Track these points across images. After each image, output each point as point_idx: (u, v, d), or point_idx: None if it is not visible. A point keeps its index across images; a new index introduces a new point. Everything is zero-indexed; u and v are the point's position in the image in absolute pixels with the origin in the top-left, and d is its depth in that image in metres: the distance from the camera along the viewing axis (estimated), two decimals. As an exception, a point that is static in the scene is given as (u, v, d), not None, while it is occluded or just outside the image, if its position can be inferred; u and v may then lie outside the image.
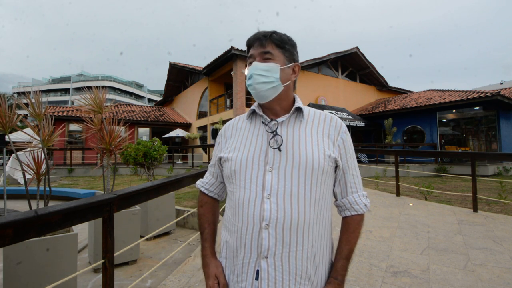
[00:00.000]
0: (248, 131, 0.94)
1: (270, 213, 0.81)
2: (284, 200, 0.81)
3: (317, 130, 0.90)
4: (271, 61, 0.89)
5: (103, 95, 3.24)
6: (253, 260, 0.82)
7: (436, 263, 2.66)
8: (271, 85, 0.88)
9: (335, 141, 0.90)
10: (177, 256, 3.47)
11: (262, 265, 0.81)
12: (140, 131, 19.17)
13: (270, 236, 0.80)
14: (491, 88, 26.25)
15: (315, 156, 0.85)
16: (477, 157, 6.14)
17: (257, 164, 0.86)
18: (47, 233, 2.16)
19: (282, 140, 0.87)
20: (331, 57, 16.87)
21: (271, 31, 0.92)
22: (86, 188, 8.68)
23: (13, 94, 33.75)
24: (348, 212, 0.94)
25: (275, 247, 0.80)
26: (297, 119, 0.92)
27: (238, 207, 0.86)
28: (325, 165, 0.86)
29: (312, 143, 0.87)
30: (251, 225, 0.82)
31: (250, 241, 0.82)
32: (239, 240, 0.85)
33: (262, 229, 0.81)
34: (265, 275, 0.81)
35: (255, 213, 0.82)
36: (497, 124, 13.29)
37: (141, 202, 2.00)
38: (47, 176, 2.67)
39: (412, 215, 4.33)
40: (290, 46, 0.93)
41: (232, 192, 0.90)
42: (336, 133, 0.91)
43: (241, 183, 0.86)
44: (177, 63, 19.95)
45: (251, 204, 0.83)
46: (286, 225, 0.80)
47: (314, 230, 0.84)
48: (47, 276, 2.25)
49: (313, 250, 0.84)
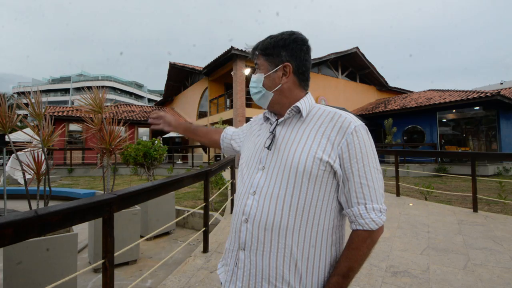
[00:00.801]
0: (259, 130, 1.02)
1: (250, 209, 0.84)
2: (265, 199, 0.83)
3: (316, 130, 0.84)
4: (258, 71, 0.95)
5: (103, 95, 3.24)
6: (235, 249, 0.88)
7: (436, 263, 2.66)
8: (259, 94, 0.94)
9: (335, 143, 0.81)
10: (177, 256, 3.47)
11: (240, 256, 0.86)
12: (140, 131, 19.17)
13: (247, 230, 0.84)
14: (491, 88, 26.25)
15: (302, 159, 0.80)
16: (477, 157, 6.13)
17: (253, 162, 0.92)
18: (47, 233, 2.16)
19: (273, 140, 0.89)
20: (331, 57, 16.87)
21: (260, 42, 0.95)
22: (86, 188, 8.68)
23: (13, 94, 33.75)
24: (354, 226, 0.82)
25: (250, 242, 0.83)
26: (296, 119, 0.91)
27: (235, 198, 0.95)
28: (313, 168, 0.79)
29: (303, 145, 0.83)
30: (236, 217, 0.89)
31: (234, 231, 0.89)
32: (231, 228, 0.93)
33: (242, 222, 0.86)
34: (241, 265, 0.85)
35: (240, 206, 0.88)
36: (497, 124, 13.29)
37: (141, 202, 2.00)
38: (47, 176, 2.67)
39: (412, 215, 4.33)
40: (275, 48, 0.90)
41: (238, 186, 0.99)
42: (340, 134, 0.81)
43: (240, 177, 0.95)
44: (177, 63, 19.95)
45: (240, 197, 0.90)
46: (262, 224, 0.82)
47: (295, 236, 0.79)
48: (47, 276, 2.25)
49: (293, 256, 0.79)
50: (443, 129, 15.26)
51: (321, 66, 17.40)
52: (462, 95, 13.39)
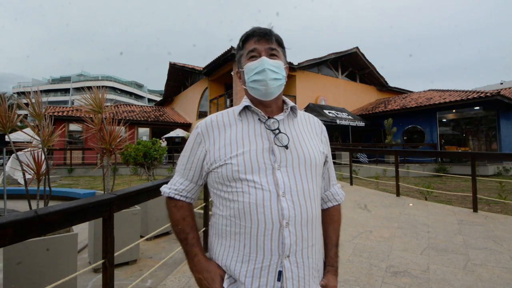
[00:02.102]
0: (243, 129, 0.87)
1: (289, 210, 0.80)
2: (298, 197, 0.82)
3: (309, 128, 0.96)
4: (277, 58, 0.89)
5: (103, 95, 3.24)
6: (274, 262, 0.79)
7: (436, 263, 2.66)
8: (279, 82, 0.87)
9: (322, 139, 0.98)
10: (177, 256, 3.47)
11: (286, 265, 0.79)
12: (140, 131, 19.17)
13: (291, 234, 0.80)
14: (491, 88, 26.23)
15: (316, 153, 0.90)
16: (477, 157, 6.13)
17: (263, 162, 0.82)
18: (47, 233, 2.16)
19: (288, 138, 0.87)
20: (331, 57, 16.86)
21: (269, 28, 0.91)
22: (86, 188, 8.68)
23: (13, 94, 33.75)
24: (331, 203, 1.02)
25: (295, 245, 0.80)
26: (291, 118, 0.94)
27: (250, 207, 0.79)
28: (321, 161, 0.93)
29: (310, 141, 0.92)
30: (269, 225, 0.78)
31: (270, 242, 0.78)
32: (254, 242, 0.79)
33: (283, 227, 0.79)
34: (289, 274, 0.79)
35: (273, 212, 0.79)
36: (497, 124, 13.29)
37: (141, 202, 2.00)
38: (47, 176, 2.67)
39: (412, 215, 4.33)
40: (284, 47, 0.95)
41: (235, 193, 0.82)
42: (320, 131, 0.99)
43: (249, 183, 0.81)
44: (177, 63, 19.95)
45: (267, 203, 0.79)
46: (303, 221, 0.82)
47: (319, 223, 0.90)
48: (47, 276, 2.25)
49: (320, 242, 0.92)
50: (443, 129, 15.26)
51: (321, 66, 17.39)
52: (462, 95, 13.39)
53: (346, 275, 2.45)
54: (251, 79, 0.86)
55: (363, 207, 4.92)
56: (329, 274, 0.94)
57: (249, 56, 0.88)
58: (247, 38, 0.90)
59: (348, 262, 2.72)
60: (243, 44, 0.91)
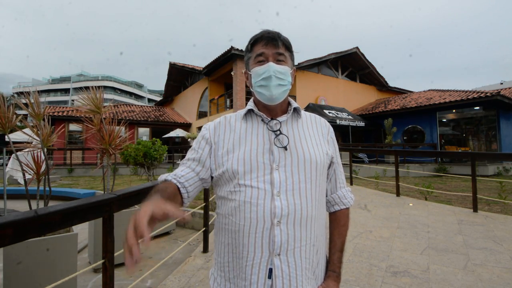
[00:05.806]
0: (246, 131, 0.91)
1: (281, 209, 0.81)
2: (293, 196, 0.83)
3: (313, 129, 0.96)
4: (284, 63, 0.90)
5: (101, 95, 3.24)
6: (265, 259, 0.80)
7: (436, 263, 2.66)
8: (284, 88, 0.89)
9: (328, 139, 0.98)
10: (177, 256, 3.47)
11: (275, 263, 0.80)
12: (140, 131, 19.16)
13: (282, 232, 0.80)
14: (491, 88, 26.22)
15: (318, 154, 0.90)
16: (477, 157, 6.13)
17: (262, 163, 0.84)
18: (47, 233, 2.16)
19: (288, 139, 0.88)
20: (331, 57, 16.86)
21: (278, 32, 0.91)
22: (86, 188, 8.67)
23: (13, 94, 33.74)
24: (338, 207, 1.00)
25: (287, 243, 0.81)
26: (295, 119, 0.95)
27: (245, 205, 0.82)
28: (324, 162, 0.91)
29: (312, 142, 0.92)
30: (261, 223, 0.80)
31: (261, 239, 0.80)
32: (246, 239, 0.82)
33: (274, 226, 0.80)
34: (279, 273, 0.80)
35: (265, 210, 0.80)
36: (497, 124, 13.28)
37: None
38: (47, 176, 2.67)
39: (412, 215, 4.33)
40: (292, 51, 0.94)
41: (233, 193, 0.85)
42: (326, 132, 0.99)
43: (246, 182, 0.83)
44: (177, 63, 19.95)
45: (260, 202, 0.81)
46: (296, 220, 0.82)
47: (316, 225, 0.88)
48: (47, 276, 2.25)
49: (317, 244, 0.88)
50: (443, 129, 15.26)
51: (321, 66, 17.40)
52: (462, 95, 13.39)
53: (346, 275, 2.45)
54: (258, 84, 0.89)
55: (363, 207, 4.92)
56: (330, 280, 0.92)
57: (257, 60, 0.91)
58: (255, 41, 0.91)
59: (348, 262, 2.72)
60: (252, 47, 0.93)
